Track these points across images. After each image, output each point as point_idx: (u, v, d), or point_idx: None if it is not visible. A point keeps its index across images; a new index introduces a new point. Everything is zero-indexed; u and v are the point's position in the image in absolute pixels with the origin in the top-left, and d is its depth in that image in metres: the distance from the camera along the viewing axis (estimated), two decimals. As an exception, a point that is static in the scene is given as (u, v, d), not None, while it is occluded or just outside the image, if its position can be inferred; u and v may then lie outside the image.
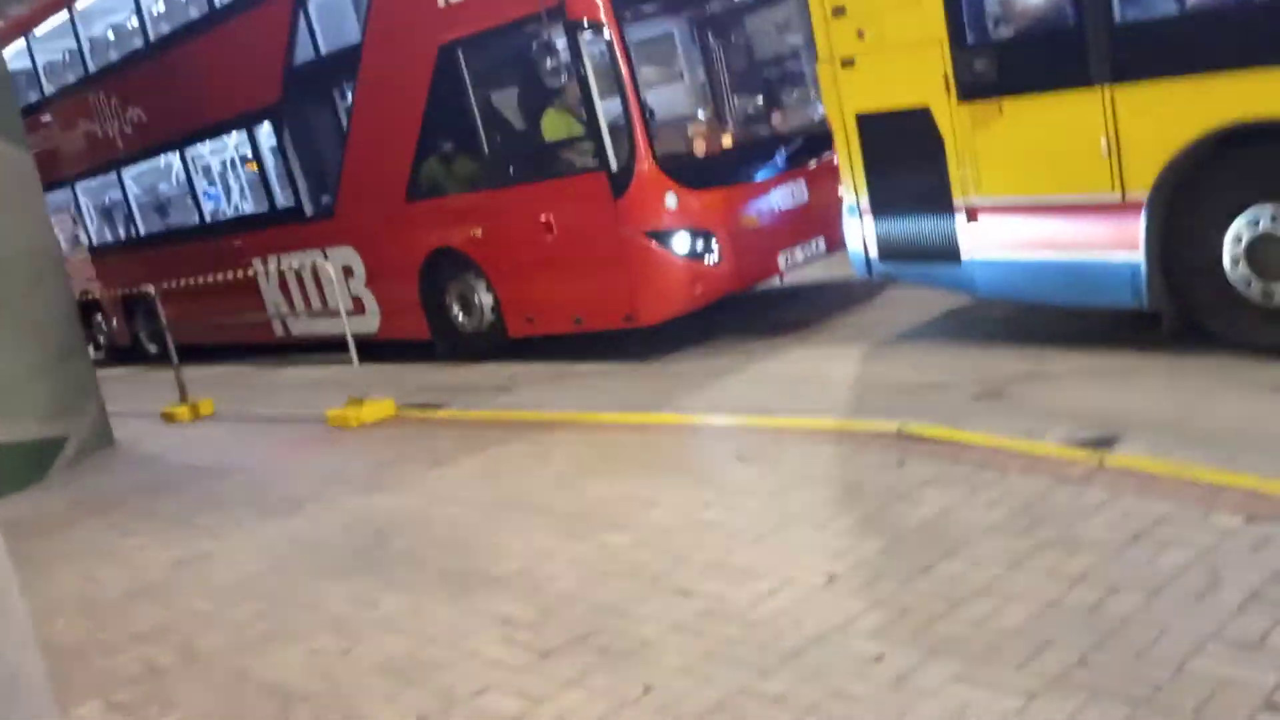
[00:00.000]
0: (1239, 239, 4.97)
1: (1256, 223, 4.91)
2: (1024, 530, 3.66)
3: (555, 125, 8.08)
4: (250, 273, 10.39)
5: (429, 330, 9.47)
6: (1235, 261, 5.00)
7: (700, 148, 8.10)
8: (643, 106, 7.50)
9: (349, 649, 3.79)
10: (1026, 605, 3.15)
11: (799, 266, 8.33)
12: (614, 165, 7.47)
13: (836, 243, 8.28)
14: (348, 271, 9.88)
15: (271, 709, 3.48)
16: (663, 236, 7.58)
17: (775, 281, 8.70)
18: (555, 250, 8.02)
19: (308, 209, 10.44)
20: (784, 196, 8.15)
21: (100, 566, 5.37)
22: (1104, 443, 4.42)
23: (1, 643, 2.21)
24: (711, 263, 7.72)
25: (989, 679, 2.81)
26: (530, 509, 4.89)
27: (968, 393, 5.56)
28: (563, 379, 7.99)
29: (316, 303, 10.41)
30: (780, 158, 8.26)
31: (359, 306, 9.92)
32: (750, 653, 3.18)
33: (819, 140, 8.32)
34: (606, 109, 7.46)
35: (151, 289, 9.55)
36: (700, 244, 7.67)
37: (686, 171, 7.75)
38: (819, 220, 8.25)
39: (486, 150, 8.46)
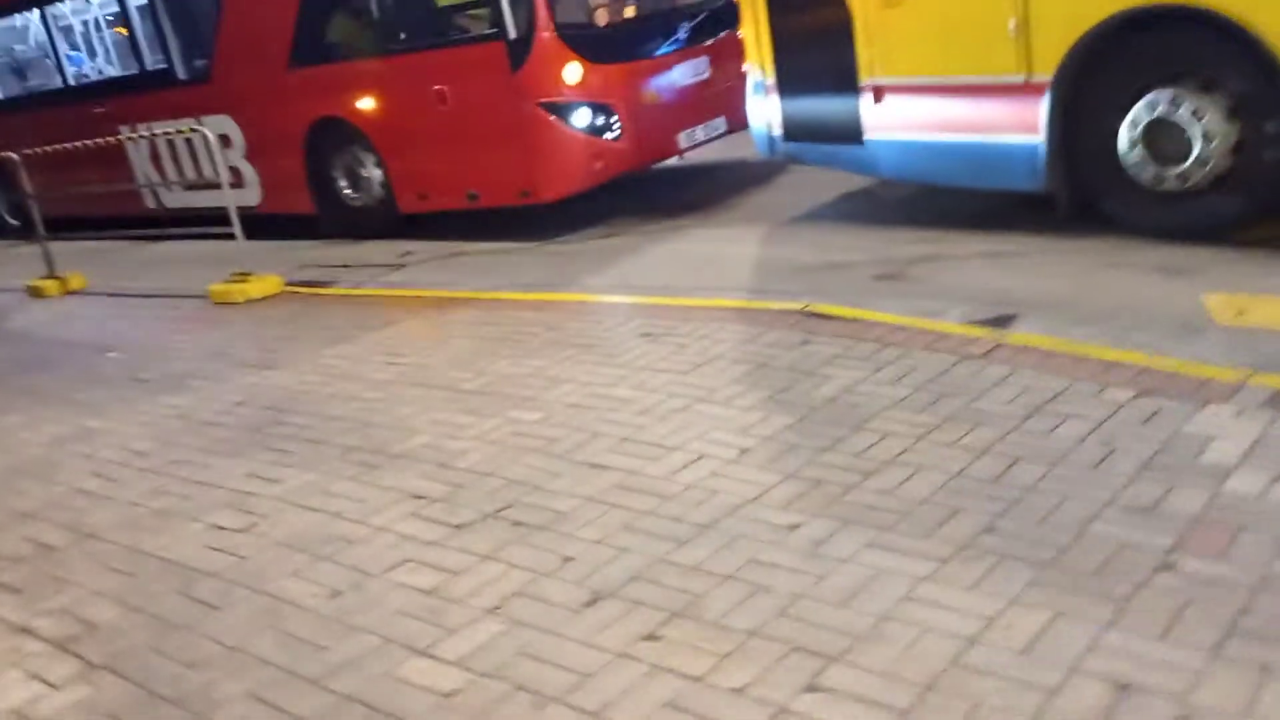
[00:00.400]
0: (1136, 123, 5.08)
1: (1154, 107, 5.01)
2: (928, 405, 3.74)
3: None
4: (118, 140, 9.72)
5: (314, 205, 9.13)
6: (1131, 145, 5.11)
7: (602, 18, 7.89)
8: None
9: (251, 524, 3.69)
10: (933, 476, 3.24)
11: (699, 145, 8.24)
12: (512, 34, 7.19)
13: (738, 122, 8.16)
14: (225, 141, 9.31)
15: (173, 584, 3.38)
16: (562, 110, 7.40)
17: (674, 161, 8.61)
18: (449, 122, 7.73)
19: (180, 74, 9.84)
20: (686, 73, 8.03)
21: (-27, 446, 5.09)
22: (1002, 321, 4.54)
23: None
24: (612, 139, 7.59)
25: (900, 546, 2.90)
26: (432, 387, 4.79)
27: (869, 273, 5.63)
28: (456, 258, 7.81)
29: (191, 173, 9.86)
30: (683, 33, 8.08)
31: (238, 179, 9.42)
32: (666, 525, 3.20)
33: (723, 16, 8.28)
34: None
35: (15, 156, 8.87)
36: (601, 119, 7.51)
37: (588, 43, 7.53)
38: (721, 99, 8.19)
39: (376, 14, 8.03)
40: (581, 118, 7.43)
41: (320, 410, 4.74)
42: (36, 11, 11.18)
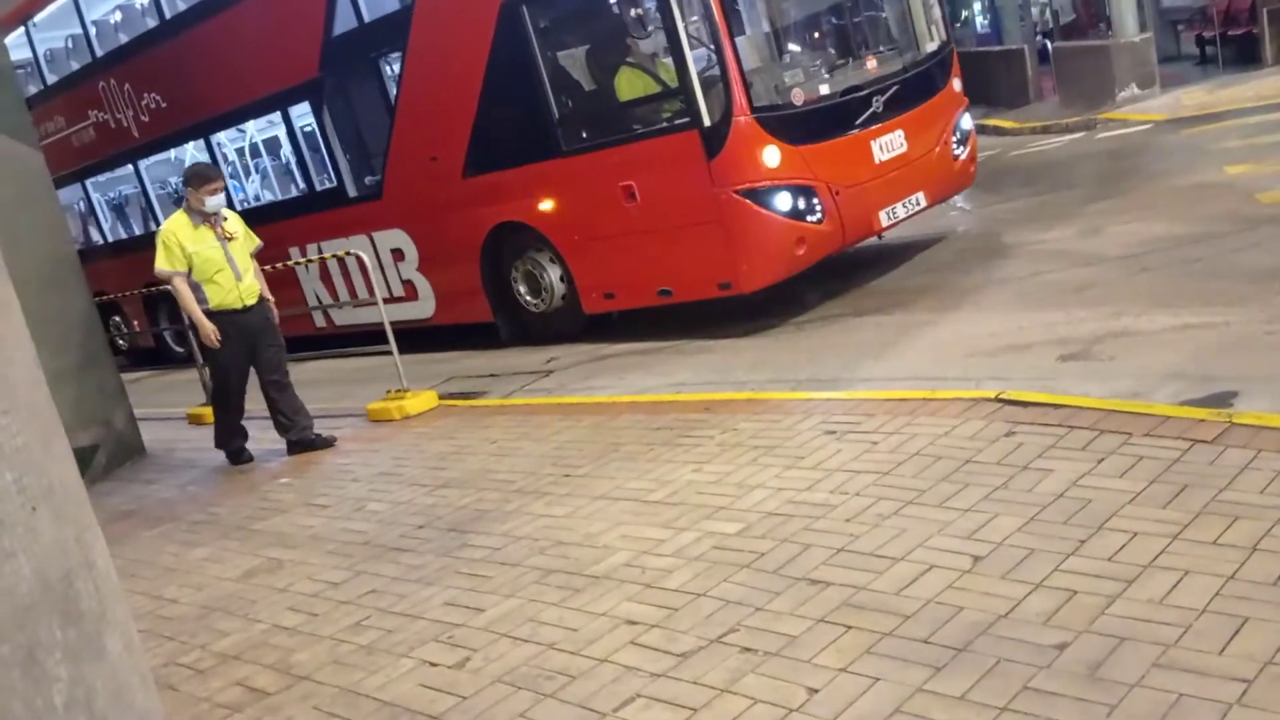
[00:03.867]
0: None
1: None
2: (1171, 499, 3.47)
3: (631, 83, 7.57)
4: (287, 262, 9.78)
5: (492, 313, 9.04)
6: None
7: (798, 98, 7.45)
8: (737, 55, 6.98)
9: (464, 659, 3.57)
10: (1205, 581, 2.96)
11: (899, 223, 7.86)
12: (707, 121, 6.97)
13: (938, 196, 8.15)
14: (397, 255, 9.48)
15: (395, 730, 3.28)
16: (762, 195, 7.08)
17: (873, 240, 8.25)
18: (638, 217, 7.49)
19: (351, 191, 9.96)
20: (885, 147, 7.67)
21: (166, 583, 5.14)
22: (1223, 400, 4.26)
23: (128, 684, 1.95)
24: (814, 221, 7.24)
25: (1194, 665, 2.63)
26: (616, 499, 4.68)
27: (1052, 354, 5.39)
28: (601, 361, 7.78)
29: (363, 291, 9.82)
30: (879, 106, 7.66)
31: (411, 292, 9.53)
32: (914, 648, 2.99)
33: (914, 85, 8.00)
34: (696, 59, 6.96)
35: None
36: (802, 202, 7.18)
37: (785, 124, 7.20)
38: (919, 173, 7.83)
39: (556, 115, 7.88)
40: (782, 202, 7.10)
41: (505, 530, 4.66)
42: (202, 140, 11.50)
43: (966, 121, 8.49)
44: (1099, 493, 3.63)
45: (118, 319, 13.54)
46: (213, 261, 6.64)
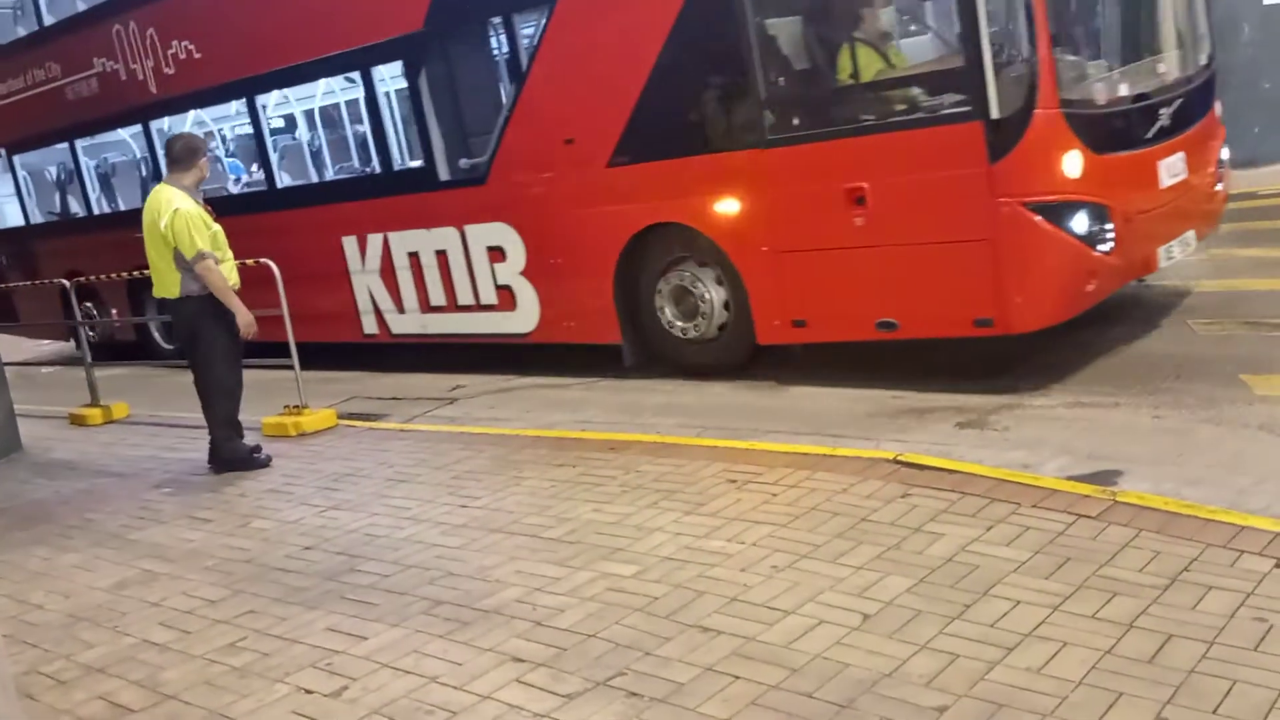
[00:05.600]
0: None
1: None
2: (1054, 571, 3.56)
3: (871, 60, 6.20)
4: (334, 254, 8.62)
5: (620, 334, 7.45)
6: None
7: (1101, 95, 6.10)
8: (1049, 29, 5.43)
9: (342, 689, 3.47)
10: (1082, 654, 3.04)
11: (1173, 263, 6.36)
12: (996, 111, 5.40)
13: (1201, 236, 6.63)
14: (495, 254, 7.89)
15: (264, 758, 3.16)
16: (1058, 211, 5.59)
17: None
18: (864, 228, 5.96)
19: (441, 174, 8.16)
20: (1170, 170, 6.20)
21: (33, 588, 4.90)
22: (1107, 477, 4.40)
23: None
24: (1104, 252, 5.73)
25: (1066, 734, 2.69)
26: (512, 534, 4.62)
27: (950, 421, 5.51)
28: (509, 393, 7.72)
29: (438, 295, 8.29)
30: (1168, 118, 6.18)
31: (507, 301, 7.94)
32: (799, 702, 2.99)
33: (1199, 100, 6.61)
34: (992, 34, 5.42)
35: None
36: (1097, 225, 5.69)
37: (1089, 126, 5.72)
38: (1193, 204, 6.44)
39: (763, 95, 6.26)
40: (1079, 223, 5.62)
41: (397, 557, 4.56)
42: (245, 99, 9.74)
43: (1225, 150, 7.02)
44: (986, 559, 3.71)
45: (90, 305, 11.64)
46: (223, 238, 6.37)
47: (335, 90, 10.66)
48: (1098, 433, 5.07)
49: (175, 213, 6.15)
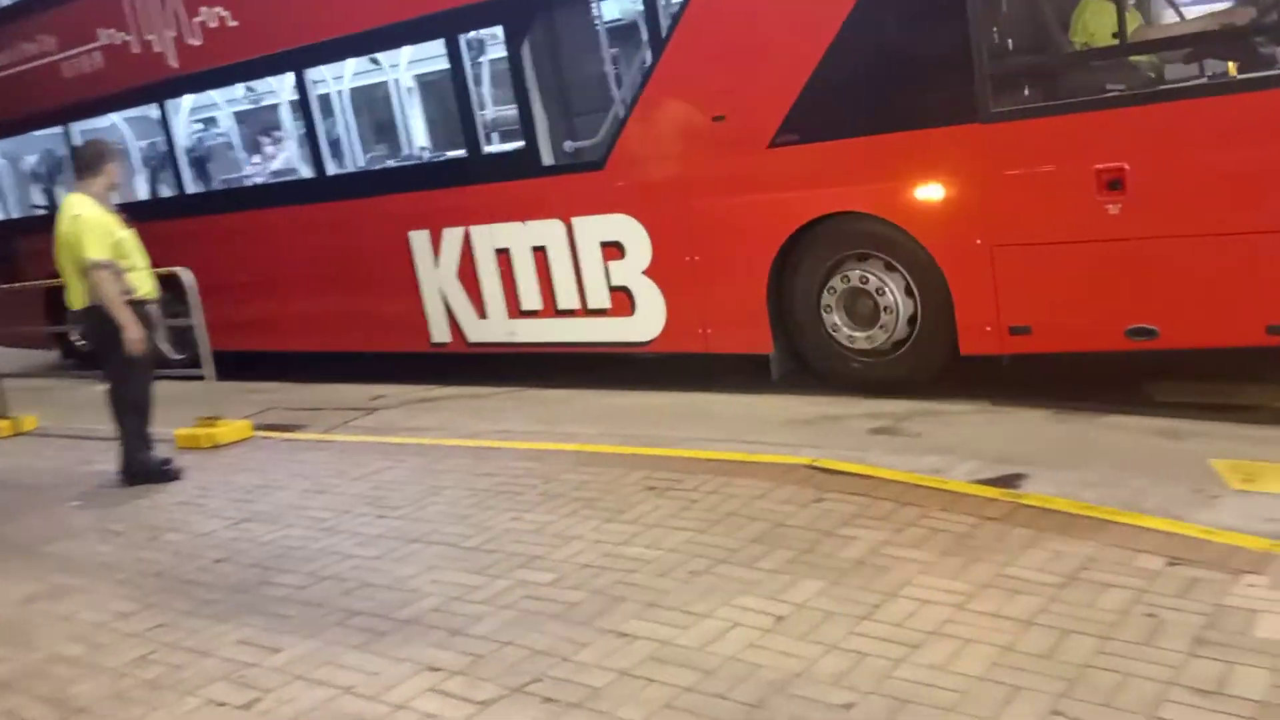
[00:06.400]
0: None
1: None
2: (960, 571, 3.67)
3: (1100, 19, 5.56)
4: (398, 252, 7.70)
5: (772, 343, 6.50)
6: None
7: None
8: None
9: (254, 700, 3.44)
10: (983, 650, 3.14)
11: None
12: None
13: None
14: (612, 251, 6.87)
15: (173, 772, 3.12)
16: None
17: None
18: (1118, 217, 5.11)
19: (545, 158, 7.16)
20: None
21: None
22: (1012, 480, 4.54)
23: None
24: None
25: (967, 729, 2.78)
26: (431, 543, 4.61)
27: (864, 427, 5.64)
28: (430, 403, 7.69)
29: (533, 299, 7.31)
30: None
31: (623, 305, 6.92)
32: (712, 704, 3.04)
33: None
34: None
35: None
36: None
37: None
38: None
39: (985, 60, 5.37)
40: None
41: (312, 569, 4.52)
42: (283, 77, 8.61)
43: None
44: (896, 561, 3.81)
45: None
46: (132, 246, 6.20)
47: (403, 64, 8.90)
48: (1006, 437, 5.23)
49: (75, 219, 6.04)
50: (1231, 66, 5.15)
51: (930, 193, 5.67)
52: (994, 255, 5.53)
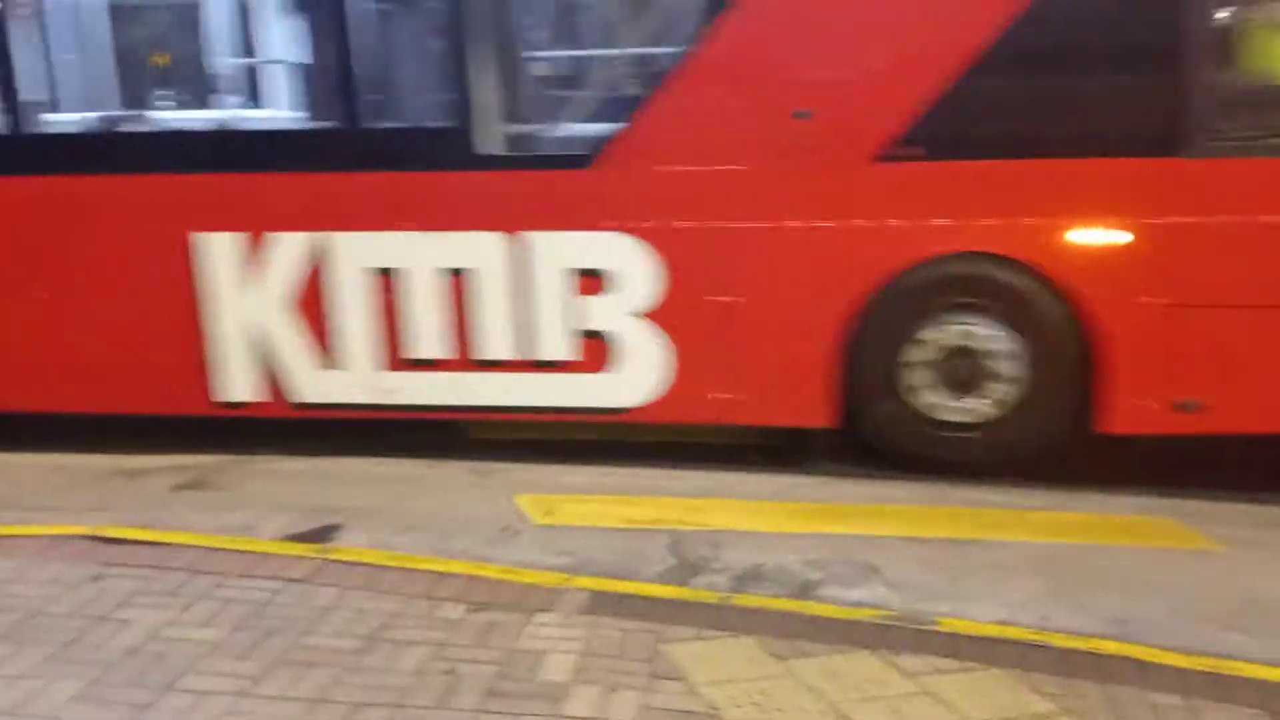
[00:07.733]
0: None
1: None
2: (250, 649, 3.27)
3: None
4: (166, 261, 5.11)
5: (837, 415, 4.93)
6: None
7: None
8: None
9: None
10: (267, 741, 2.78)
11: None
12: None
13: None
14: (589, 282, 4.95)
15: None
16: None
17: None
18: None
19: (485, 143, 5.02)
20: None
21: None
22: (326, 534, 4.27)
23: None
24: None
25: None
26: None
27: (168, 482, 5.01)
28: None
29: (432, 343, 5.10)
30: None
31: (594, 356, 5.02)
32: None
33: None
34: None
35: None
36: None
37: None
38: None
39: (1204, 79, 4.45)
40: None
41: None
42: None
43: None
44: (177, 645, 3.30)
45: None
46: None
47: None
48: (324, 484, 4.95)
49: None
50: None
51: (1092, 237, 4.66)
52: (1168, 317, 4.61)
